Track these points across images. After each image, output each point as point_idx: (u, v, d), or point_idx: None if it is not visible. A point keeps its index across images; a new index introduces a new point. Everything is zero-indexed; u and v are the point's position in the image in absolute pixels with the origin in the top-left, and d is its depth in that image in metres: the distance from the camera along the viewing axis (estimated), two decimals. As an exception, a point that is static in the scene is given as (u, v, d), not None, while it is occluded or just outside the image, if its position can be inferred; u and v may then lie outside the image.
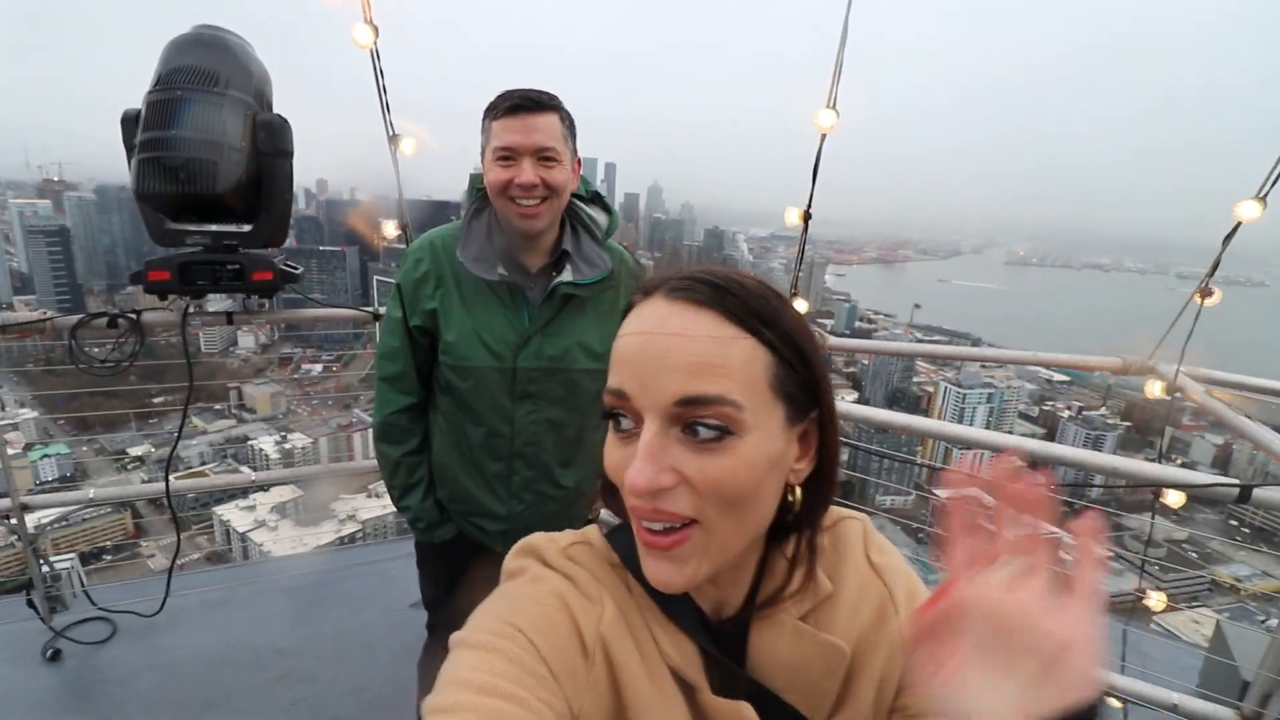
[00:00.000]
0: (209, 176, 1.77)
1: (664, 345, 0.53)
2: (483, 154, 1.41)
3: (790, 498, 0.60)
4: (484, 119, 1.40)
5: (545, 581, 0.62)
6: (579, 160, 1.48)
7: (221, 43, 1.93)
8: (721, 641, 0.63)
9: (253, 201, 1.98)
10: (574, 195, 1.51)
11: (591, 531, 0.69)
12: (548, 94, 1.37)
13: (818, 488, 0.61)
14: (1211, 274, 1.95)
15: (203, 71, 1.85)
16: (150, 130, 1.80)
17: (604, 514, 0.74)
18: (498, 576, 0.67)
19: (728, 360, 0.53)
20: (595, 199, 1.58)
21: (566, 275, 1.45)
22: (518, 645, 0.55)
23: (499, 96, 1.37)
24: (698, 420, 0.52)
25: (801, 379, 0.56)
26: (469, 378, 1.49)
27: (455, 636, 0.57)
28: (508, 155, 1.35)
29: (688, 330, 0.53)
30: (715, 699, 0.60)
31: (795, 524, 0.62)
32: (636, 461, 0.52)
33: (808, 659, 0.62)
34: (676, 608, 0.62)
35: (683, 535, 0.54)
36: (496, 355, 1.47)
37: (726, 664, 0.62)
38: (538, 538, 0.67)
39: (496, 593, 0.63)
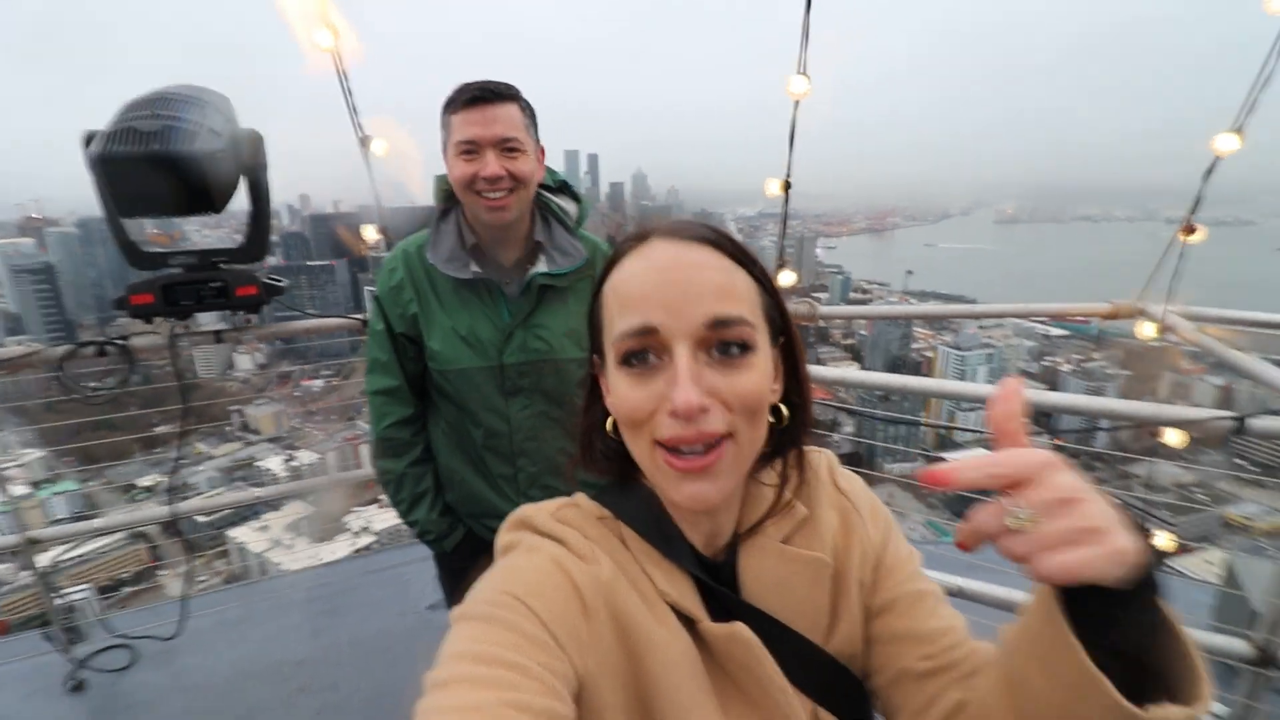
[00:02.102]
0: (184, 140, 1.72)
1: (685, 275, 0.58)
2: (444, 150, 1.38)
3: (779, 416, 0.65)
4: (443, 114, 1.37)
5: (540, 550, 0.64)
6: (542, 150, 1.46)
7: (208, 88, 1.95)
8: (715, 573, 0.66)
9: (226, 194, 1.94)
10: (541, 185, 1.49)
11: (578, 495, 0.72)
12: (505, 84, 1.35)
13: (797, 409, 0.66)
14: (1194, 210, 1.94)
15: (191, 92, 1.86)
16: (128, 110, 1.77)
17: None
18: None
19: (736, 285, 0.59)
20: (563, 188, 1.56)
21: (541, 266, 1.44)
22: (516, 613, 0.56)
23: (456, 90, 1.34)
24: (726, 340, 0.57)
25: (776, 306, 0.64)
26: (459, 380, 1.47)
27: (455, 612, 0.58)
28: (470, 148, 1.33)
29: (702, 261, 0.59)
30: (713, 625, 0.62)
31: (778, 448, 0.67)
32: (682, 385, 0.55)
33: (793, 574, 0.67)
34: (671, 546, 0.65)
35: (719, 451, 0.58)
36: (482, 354, 1.45)
37: (720, 591, 0.65)
38: (527, 509, 0.69)
39: (494, 567, 0.64)
